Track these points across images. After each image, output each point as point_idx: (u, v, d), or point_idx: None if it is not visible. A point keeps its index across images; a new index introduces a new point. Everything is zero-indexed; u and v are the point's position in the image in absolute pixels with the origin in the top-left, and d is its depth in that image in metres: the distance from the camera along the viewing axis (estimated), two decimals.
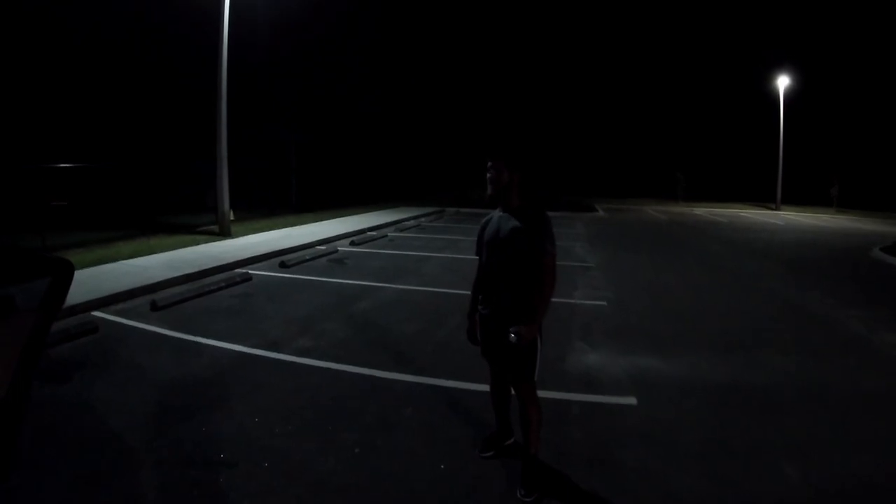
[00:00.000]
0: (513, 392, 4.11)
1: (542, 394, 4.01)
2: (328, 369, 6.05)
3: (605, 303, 9.49)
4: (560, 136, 52.22)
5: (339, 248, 14.87)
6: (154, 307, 8.40)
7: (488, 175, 3.96)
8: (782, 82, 38.31)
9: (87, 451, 4.26)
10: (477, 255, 4.23)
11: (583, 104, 53.80)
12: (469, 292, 4.25)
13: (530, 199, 4.02)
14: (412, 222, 23.00)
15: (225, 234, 16.07)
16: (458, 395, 5.41)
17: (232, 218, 17.08)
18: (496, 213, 4.08)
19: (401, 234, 18.78)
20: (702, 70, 52.07)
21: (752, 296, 10.57)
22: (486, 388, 4.39)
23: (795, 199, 39.83)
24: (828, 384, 6.04)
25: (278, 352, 6.54)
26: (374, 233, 18.66)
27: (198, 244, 14.18)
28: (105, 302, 8.57)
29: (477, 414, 4.97)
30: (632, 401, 5.44)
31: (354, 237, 17.17)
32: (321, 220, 21.48)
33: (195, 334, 7.14)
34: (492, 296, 3.99)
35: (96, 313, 8.09)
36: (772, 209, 37.25)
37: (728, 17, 50.76)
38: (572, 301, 9.37)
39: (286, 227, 18.60)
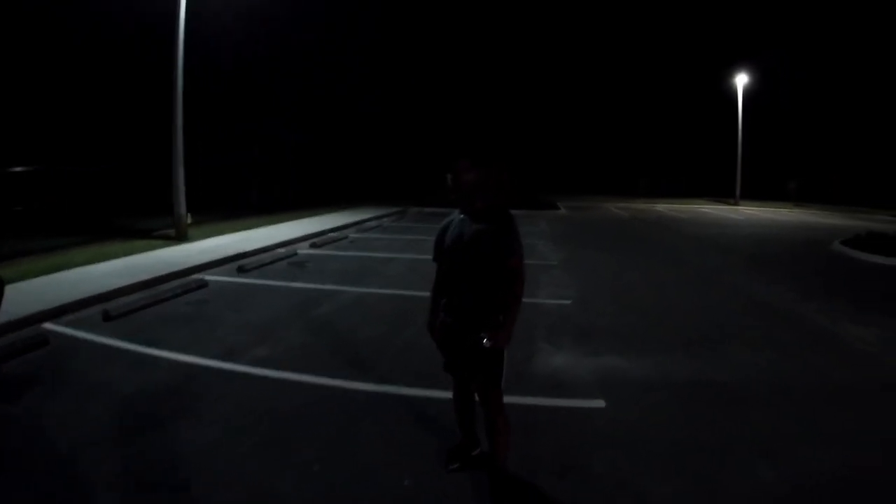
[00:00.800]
0: (477, 400, 3.99)
1: (507, 399, 3.91)
2: (286, 380, 5.88)
3: (569, 301, 9.47)
4: (522, 133, 52.34)
5: (300, 251, 14.65)
6: (107, 317, 8.14)
7: (452, 175, 3.82)
8: (741, 80, 39.00)
9: (36, 474, 4.06)
10: (435, 260, 4.05)
11: (544, 102, 54.00)
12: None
13: (495, 201, 3.83)
14: (374, 222, 22.86)
15: (182, 238, 15.74)
16: (422, 404, 5.29)
17: (189, 221, 16.75)
18: (456, 217, 3.92)
19: (362, 235, 18.61)
20: (662, 67, 52.63)
21: (716, 291, 10.64)
22: (450, 395, 4.25)
23: (754, 194, 40.60)
24: (795, 379, 6.10)
25: (234, 362, 6.34)
26: (335, 234, 18.47)
27: (154, 249, 13.87)
28: (56, 313, 8.29)
29: (442, 423, 4.83)
30: (600, 403, 5.39)
31: (315, 239, 16.96)
32: (281, 222, 21.21)
33: (149, 345, 6.90)
34: (456, 302, 3.84)
35: (47, 325, 7.80)
36: (731, 204, 37.87)
37: (688, 14, 51.21)
38: (536, 300, 9.31)
39: (245, 229, 18.30)
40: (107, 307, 8.50)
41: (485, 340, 3.59)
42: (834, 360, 6.72)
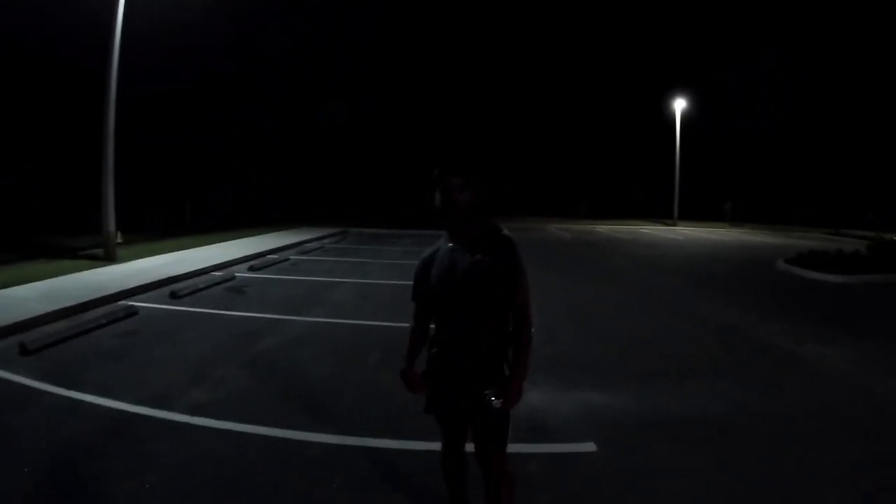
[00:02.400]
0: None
1: None
2: (228, 431, 5.08)
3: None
4: (459, 150, 52.34)
5: (237, 275, 13.84)
6: (23, 351, 7.25)
7: (440, 195, 3.06)
8: (679, 104, 39.86)
9: None
10: (415, 299, 3.33)
11: (481, 121, 54.05)
12: (391, 324, 3.43)
13: (491, 226, 3.20)
14: (315, 244, 22.11)
15: (111, 258, 14.74)
16: (392, 458, 4.60)
17: (119, 240, 15.79)
18: (443, 246, 3.22)
19: (304, 258, 17.86)
20: (603, 91, 53.46)
21: (677, 318, 10.36)
22: (425, 446, 3.59)
23: (691, 214, 41.57)
24: (779, 407, 5.93)
25: (167, 409, 5.51)
26: (275, 256, 17.71)
27: (80, 271, 12.89)
28: None
29: (419, 481, 4.19)
30: (591, 447, 4.88)
31: (254, 261, 16.16)
32: (217, 241, 20.31)
33: (69, 387, 6.04)
34: (451, 337, 3.17)
35: None
36: (670, 225, 38.59)
37: (630, 37, 52.24)
38: None
39: (179, 249, 17.38)
40: (24, 339, 7.60)
41: (493, 400, 2.98)
42: (809, 385, 6.66)
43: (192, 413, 5.47)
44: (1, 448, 4.74)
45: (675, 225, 38.22)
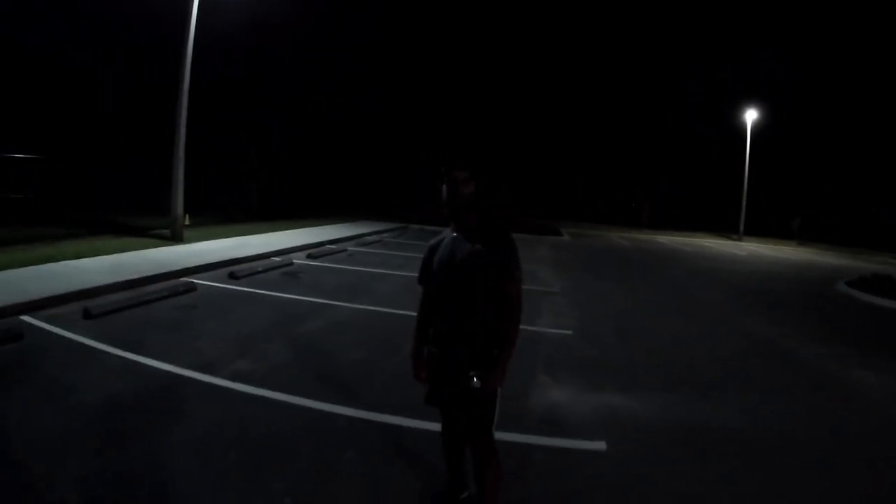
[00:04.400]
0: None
1: (502, 436, 3.54)
2: (264, 398, 5.50)
3: (570, 332, 9.12)
4: (525, 157, 52.34)
5: (296, 261, 14.34)
6: (87, 315, 7.82)
7: (447, 187, 3.40)
8: (750, 115, 38.91)
9: None
10: (421, 282, 3.68)
11: (549, 126, 53.87)
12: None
13: (490, 218, 3.49)
14: (374, 237, 22.55)
15: (177, 239, 15.46)
16: (409, 435, 4.92)
17: (187, 222, 16.50)
18: (447, 235, 3.53)
19: (362, 249, 18.28)
20: (670, 98, 52.60)
21: (720, 328, 10.34)
22: (439, 427, 3.81)
23: (757, 230, 40.45)
24: (805, 426, 5.83)
25: (213, 375, 5.98)
26: (333, 246, 18.17)
27: (146, 248, 13.58)
28: (36, 306, 7.99)
29: (429, 458, 4.46)
30: (601, 446, 5.02)
31: (312, 250, 16.67)
32: (281, 229, 20.95)
33: (126, 349, 6.56)
34: (444, 329, 3.45)
35: (25, 318, 7.52)
36: (734, 240, 37.64)
37: (699, 46, 51.31)
38: (536, 328, 8.98)
39: (243, 234, 18.03)
40: (88, 304, 8.18)
41: (475, 380, 3.21)
42: (843, 408, 6.48)
43: (234, 379, 5.92)
44: (61, 397, 5.22)
45: (739, 240, 37.27)
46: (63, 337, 6.96)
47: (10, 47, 24.04)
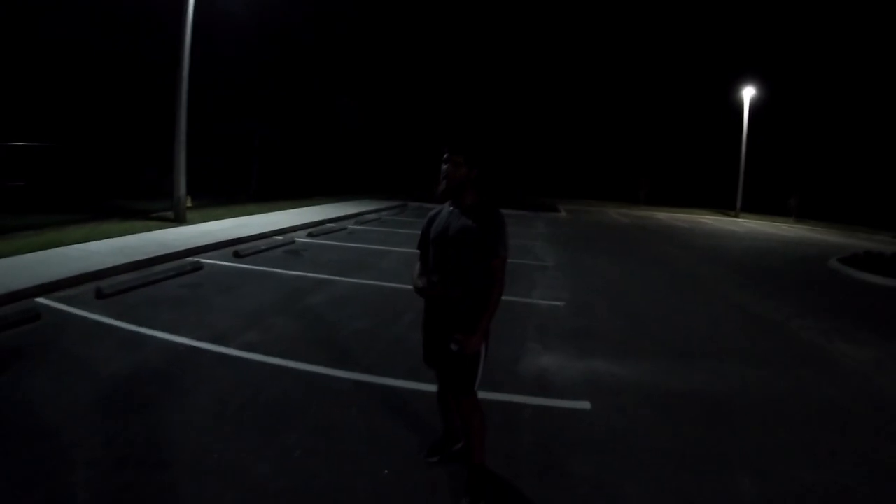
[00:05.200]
0: None
1: (493, 396, 3.91)
2: (274, 365, 5.89)
3: (561, 303, 9.45)
4: (523, 134, 52.37)
5: (297, 239, 14.67)
6: (99, 295, 8.16)
7: (444, 168, 3.71)
8: (748, 92, 38.93)
9: (16, 446, 4.07)
10: (419, 248, 4.01)
11: (548, 104, 53.89)
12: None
13: (485, 197, 3.81)
14: (373, 215, 22.82)
15: (180, 220, 15.76)
16: (406, 396, 5.30)
17: (189, 204, 16.78)
18: (445, 208, 3.88)
19: (361, 227, 18.58)
20: (668, 75, 52.53)
21: (711, 302, 10.60)
22: (435, 388, 4.20)
23: (755, 207, 40.43)
24: (783, 394, 6.05)
25: (223, 346, 6.36)
26: (333, 224, 18.47)
27: (151, 230, 13.87)
28: (49, 288, 8.31)
29: (425, 416, 4.85)
30: (585, 405, 5.36)
31: (313, 228, 16.97)
32: (281, 209, 21.21)
33: (139, 324, 6.92)
34: (435, 297, 3.80)
35: (40, 300, 7.83)
36: (732, 216, 37.81)
37: (699, 24, 51.12)
38: (529, 300, 9.33)
39: (244, 215, 18.30)
40: (100, 285, 8.50)
41: (452, 345, 3.55)
42: (824, 378, 6.66)
43: (243, 349, 6.31)
44: (79, 370, 5.59)
45: (737, 217, 37.50)
46: (78, 316, 7.29)
47: (14, 29, 24.04)
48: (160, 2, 19.62)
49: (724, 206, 41.92)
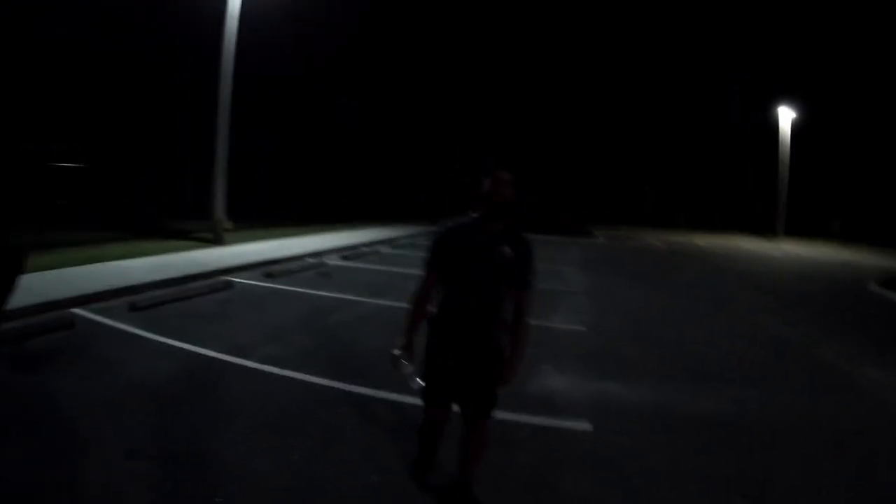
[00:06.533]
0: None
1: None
2: (288, 378, 6.16)
3: (583, 328, 9.47)
4: (565, 161, 52.58)
5: (328, 262, 15.02)
6: (133, 307, 8.55)
7: (490, 186, 3.42)
8: (787, 114, 38.53)
9: (43, 439, 4.39)
10: (430, 268, 3.63)
11: (584, 128, 53.97)
12: None
13: (516, 224, 3.58)
14: (407, 240, 23.16)
15: (218, 241, 16.24)
16: (409, 410, 5.38)
17: (228, 226, 17.26)
18: (466, 224, 3.55)
19: (392, 251, 18.94)
20: (708, 98, 52.16)
21: (740, 328, 10.45)
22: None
23: (796, 230, 39.85)
24: (798, 420, 5.90)
25: (244, 358, 6.64)
26: (366, 248, 18.85)
27: (189, 250, 14.37)
28: (86, 300, 8.71)
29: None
30: (587, 426, 5.36)
31: (346, 251, 17.35)
32: (317, 233, 21.74)
33: (168, 336, 7.25)
34: (470, 333, 3.56)
35: (76, 310, 8.22)
36: (772, 240, 37.29)
37: (738, 44, 50.69)
38: (549, 325, 9.36)
39: (280, 238, 18.79)
40: (134, 299, 8.91)
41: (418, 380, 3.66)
42: (846, 405, 6.51)
43: (263, 362, 6.59)
44: (107, 373, 5.93)
45: (777, 241, 36.99)
46: (111, 326, 7.67)
47: (53, 40, 24.74)
48: (201, 14, 20.29)
49: (766, 230, 41.35)
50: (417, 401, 5.50)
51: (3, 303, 4.42)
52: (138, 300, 8.84)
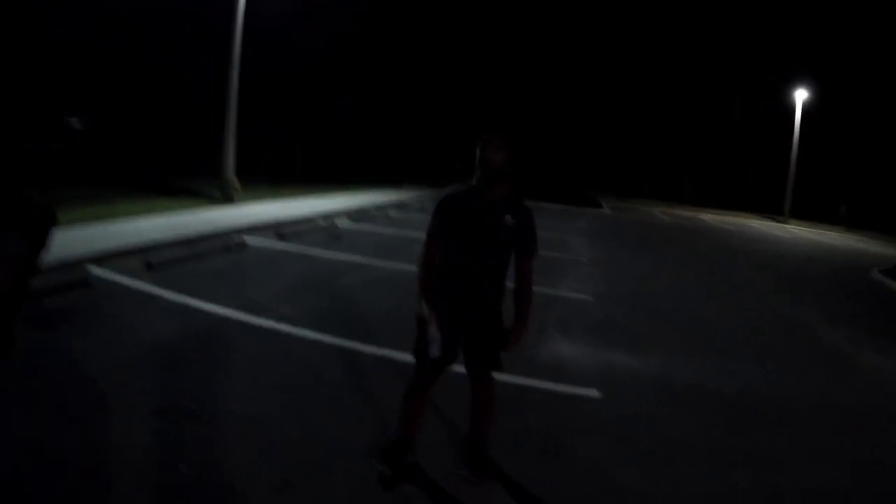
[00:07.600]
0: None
1: (506, 378, 4.08)
2: (301, 336, 6.29)
3: (590, 297, 9.64)
4: (572, 130, 52.33)
5: (338, 224, 15.13)
6: (149, 266, 8.64)
7: (481, 152, 3.43)
8: (800, 95, 38.15)
9: (62, 394, 4.49)
10: (434, 234, 3.64)
11: (597, 101, 53.66)
12: None
13: (516, 189, 3.59)
14: (416, 202, 23.24)
15: (228, 200, 16.31)
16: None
17: (237, 186, 17.30)
18: (467, 195, 3.54)
19: (401, 214, 19.04)
20: (719, 75, 51.66)
21: (742, 304, 10.71)
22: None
23: (804, 213, 39.63)
24: (800, 397, 6.07)
25: (258, 316, 6.75)
26: (375, 211, 18.92)
27: (200, 209, 14.43)
28: (101, 258, 8.79)
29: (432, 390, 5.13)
30: (594, 393, 5.48)
31: (355, 213, 17.45)
32: (326, 194, 21.73)
33: (183, 294, 7.34)
34: (470, 297, 3.59)
35: (91, 269, 8.32)
36: (779, 221, 37.28)
37: (751, 26, 50.13)
38: (557, 293, 9.50)
39: (290, 198, 18.85)
40: (149, 257, 8.99)
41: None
42: (845, 385, 6.70)
43: (276, 320, 6.71)
44: (123, 330, 6.05)
45: (785, 222, 36.98)
46: (126, 284, 7.74)
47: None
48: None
49: (774, 210, 41.25)
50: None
51: (39, 258, 4.50)
52: (153, 259, 8.93)
